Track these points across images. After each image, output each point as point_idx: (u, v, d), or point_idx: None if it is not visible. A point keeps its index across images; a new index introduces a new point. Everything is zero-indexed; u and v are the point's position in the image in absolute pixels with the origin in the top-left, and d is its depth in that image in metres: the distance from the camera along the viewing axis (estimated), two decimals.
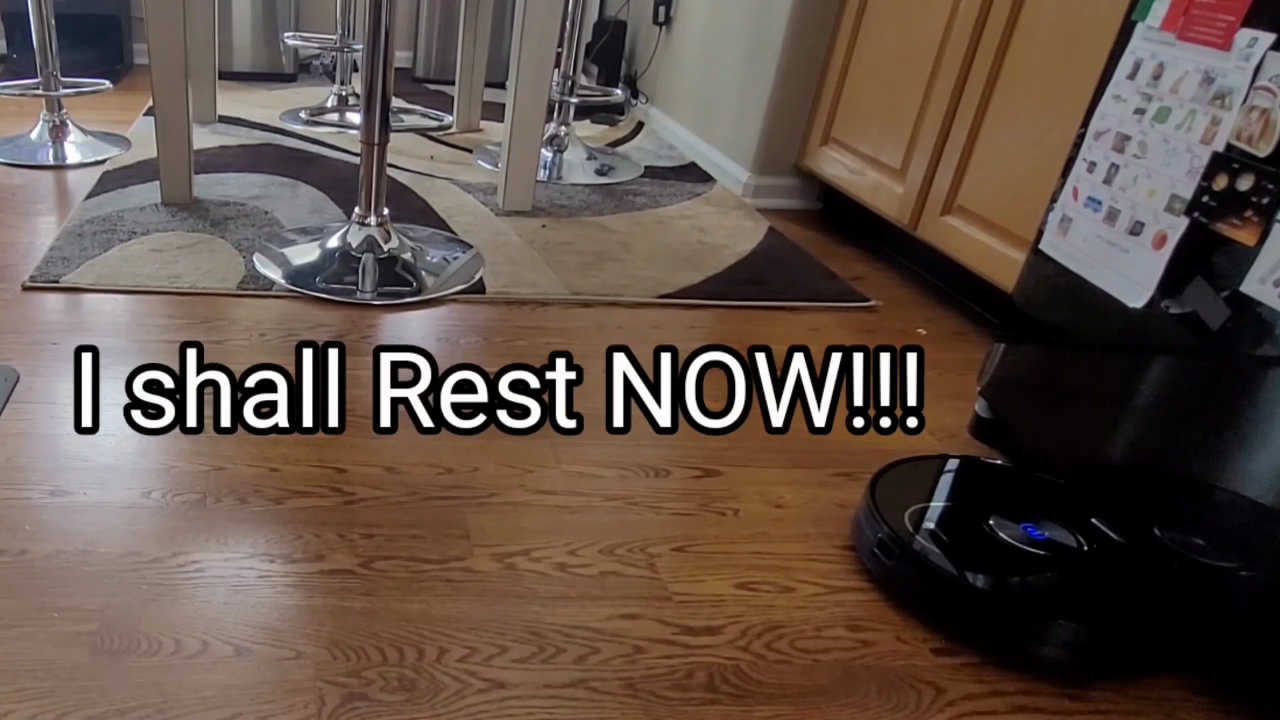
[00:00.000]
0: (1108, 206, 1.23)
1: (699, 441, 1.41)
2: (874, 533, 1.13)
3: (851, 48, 2.30)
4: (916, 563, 1.08)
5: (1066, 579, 1.07)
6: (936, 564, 1.07)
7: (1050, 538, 1.12)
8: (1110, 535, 1.13)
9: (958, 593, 1.05)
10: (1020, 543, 1.11)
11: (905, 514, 1.15)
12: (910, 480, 1.23)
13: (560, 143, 2.77)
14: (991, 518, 1.14)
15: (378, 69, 1.79)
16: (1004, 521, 1.14)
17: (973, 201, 1.87)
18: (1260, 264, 1.01)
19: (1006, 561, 1.08)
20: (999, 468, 1.32)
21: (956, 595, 1.05)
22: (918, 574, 1.08)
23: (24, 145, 2.46)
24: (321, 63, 3.68)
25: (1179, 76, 1.14)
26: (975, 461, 1.31)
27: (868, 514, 1.15)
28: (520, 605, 1.05)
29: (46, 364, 1.44)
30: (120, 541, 1.08)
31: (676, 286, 1.95)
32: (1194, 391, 1.10)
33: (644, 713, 0.93)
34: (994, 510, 1.15)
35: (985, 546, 1.10)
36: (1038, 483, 1.25)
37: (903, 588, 1.10)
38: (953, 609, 1.06)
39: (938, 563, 1.07)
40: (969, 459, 1.32)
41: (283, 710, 0.89)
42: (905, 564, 1.08)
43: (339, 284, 1.80)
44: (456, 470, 1.28)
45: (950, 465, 1.29)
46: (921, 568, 1.07)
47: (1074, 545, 1.11)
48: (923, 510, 1.16)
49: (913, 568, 1.08)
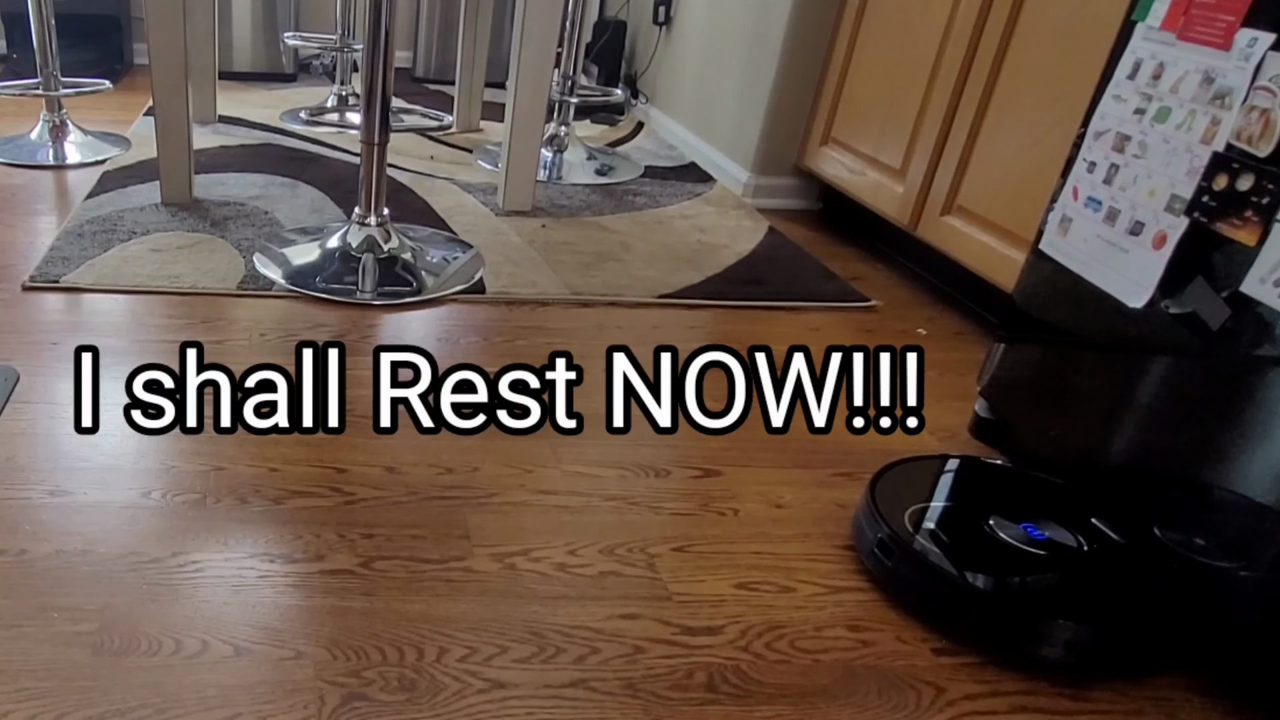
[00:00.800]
0: (1108, 206, 1.23)
1: (699, 441, 1.41)
2: (874, 533, 1.13)
3: (851, 48, 2.30)
4: (916, 562, 1.08)
5: (1067, 579, 1.07)
6: (936, 564, 1.07)
7: (1050, 537, 1.12)
8: (1110, 535, 1.13)
9: (958, 593, 1.05)
10: (1020, 543, 1.11)
11: (905, 514, 1.14)
12: (910, 480, 1.22)
13: (560, 143, 2.77)
14: (991, 518, 1.14)
15: (378, 69, 1.79)
16: (1004, 521, 1.14)
17: (973, 201, 1.87)
18: (1260, 264, 1.01)
19: (1007, 561, 1.08)
20: (999, 467, 1.32)
21: (956, 595, 1.05)
22: (918, 574, 1.08)
23: (24, 145, 2.46)
24: (321, 63, 3.68)
25: (1179, 76, 1.14)
26: (975, 461, 1.31)
27: (868, 514, 1.15)
28: (520, 605, 1.05)
29: (46, 364, 1.44)
30: (120, 541, 1.08)
31: (676, 286, 1.95)
32: (1194, 391, 1.10)
33: (644, 713, 0.93)
34: (994, 510, 1.15)
35: (985, 546, 1.10)
36: (1038, 483, 1.25)
37: (903, 588, 1.10)
38: (953, 609, 1.06)
39: (937, 563, 1.07)
40: (969, 459, 1.32)
41: (283, 710, 0.89)
42: (905, 564, 1.08)
43: (339, 284, 1.80)
44: (456, 470, 1.28)
45: (950, 465, 1.29)
46: (921, 567, 1.07)
47: (1074, 545, 1.11)
48: (923, 510, 1.16)
49: (913, 568, 1.08)
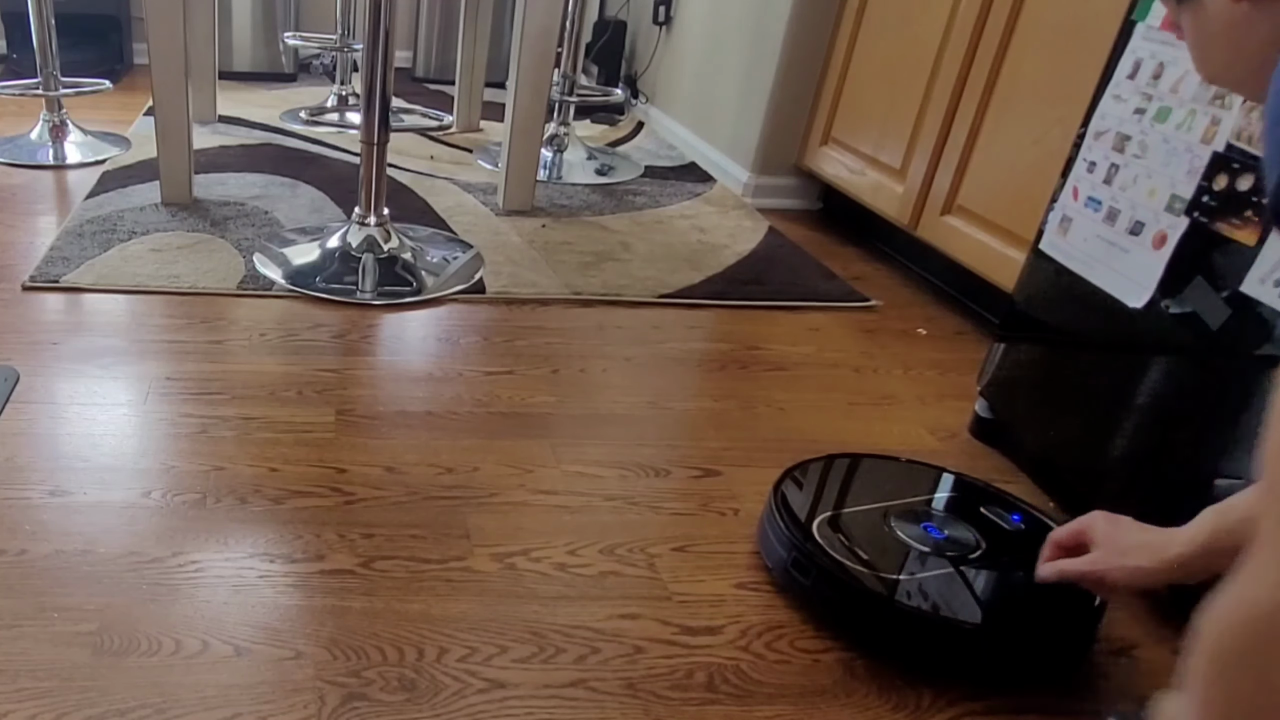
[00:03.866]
0: (1108, 206, 1.23)
1: (699, 441, 1.41)
2: (787, 550, 1.09)
3: (851, 48, 2.30)
4: (834, 579, 1.04)
5: (963, 577, 1.06)
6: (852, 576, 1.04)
7: (949, 535, 1.12)
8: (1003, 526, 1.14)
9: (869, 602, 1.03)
10: (918, 542, 1.10)
11: (814, 525, 1.11)
12: (807, 485, 1.20)
13: (560, 143, 2.77)
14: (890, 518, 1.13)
15: (378, 69, 1.79)
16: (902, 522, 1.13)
17: (973, 201, 1.87)
18: (1260, 264, 1.01)
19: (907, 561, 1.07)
20: (888, 460, 1.30)
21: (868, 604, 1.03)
22: (835, 591, 1.05)
23: (24, 145, 2.45)
24: (321, 63, 3.68)
25: (1179, 76, 1.14)
26: (869, 459, 1.30)
27: (774, 524, 1.11)
28: (520, 605, 1.05)
29: (46, 364, 1.44)
30: (120, 541, 1.08)
31: (676, 286, 1.95)
32: (1194, 391, 1.10)
33: (644, 713, 0.93)
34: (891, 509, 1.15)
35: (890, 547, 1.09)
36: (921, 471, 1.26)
37: (821, 604, 1.07)
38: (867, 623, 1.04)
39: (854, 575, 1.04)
40: (862, 456, 1.30)
41: (283, 710, 0.89)
42: (823, 582, 1.05)
43: (339, 284, 1.80)
44: (456, 470, 1.28)
45: (841, 465, 1.26)
46: (839, 584, 1.04)
47: (972, 542, 1.11)
48: (832, 519, 1.14)
49: (830, 585, 1.05)
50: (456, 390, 1.48)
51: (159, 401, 1.37)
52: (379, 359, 1.57)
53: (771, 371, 1.65)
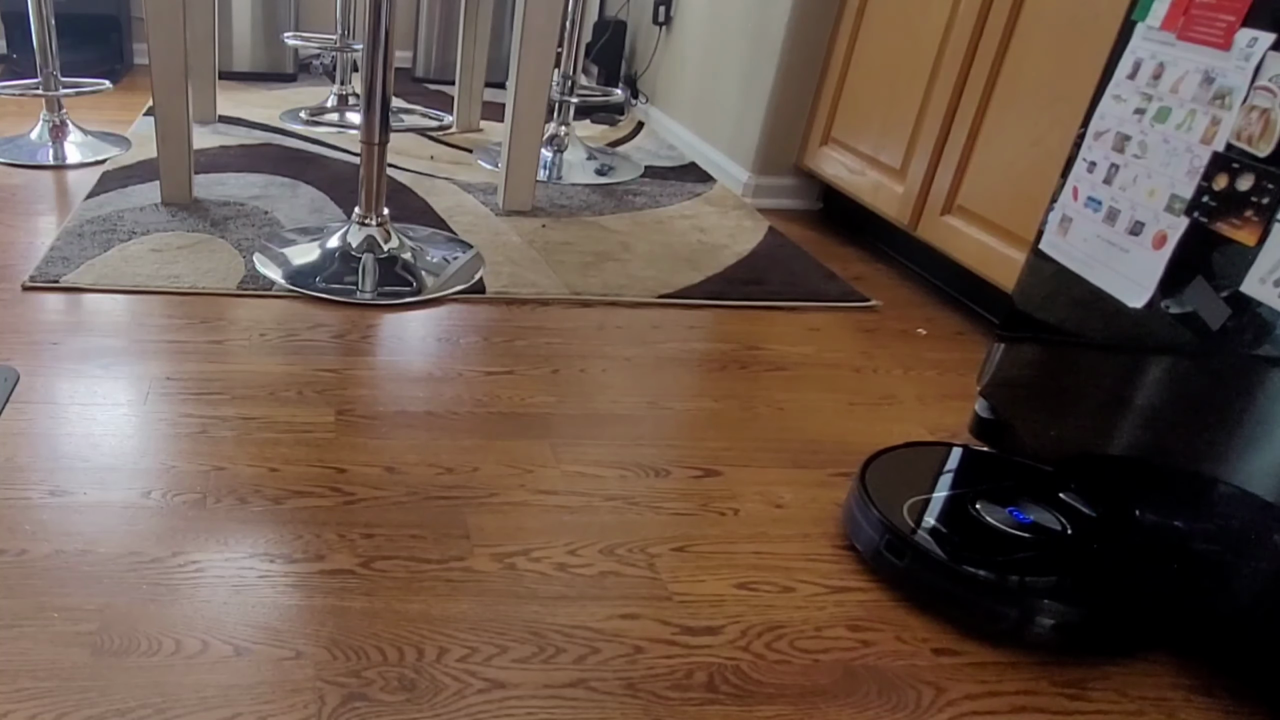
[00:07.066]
0: (1108, 206, 1.23)
1: (699, 441, 1.41)
2: (879, 534, 1.13)
3: (851, 48, 2.30)
4: (927, 561, 1.09)
5: (1057, 561, 1.10)
6: (944, 560, 1.08)
7: (1035, 520, 1.15)
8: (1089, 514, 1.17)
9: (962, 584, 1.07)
10: (1007, 526, 1.14)
11: (904, 509, 1.16)
12: (900, 472, 1.24)
13: (560, 143, 2.77)
14: (978, 502, 1.18)
15: (378, 69, 1.79)
16: (990, 505, 1.17)
17: (973, 201, 1.87)
18: (1260, 264, 1.01)
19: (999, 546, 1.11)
20: (983, 454, 1.35)
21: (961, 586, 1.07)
22: (929, 572, 1.09)
23: (24, 145, 2.46)
24: (321, 63, 3.68)
25: (1179, 76, 1.14)
26: (965, 449, 1.34)
27: (864, 509, 1.16)
28: (520, 605, 1.05)
29: (46, 364, 1.44)
30: (120, 541, 1.08)
31: (676, 286, 1.95)
32: (1194, 391, 1.10)
33: (644, 713, 0.93)
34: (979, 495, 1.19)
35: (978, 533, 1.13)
36: (1020, 467, 1.28)
37: (913, 587, 1.12)
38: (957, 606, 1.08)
39: (946, 559, 1.09)
40: (957, 446, 1.34)
41: (283, 710, 0.89)
42: (917, 563, 1.10)
43: (339, 284, 1.80)
44: (456, 470, 1.28)
45: (939, 453, 1.30)
46: (932, 565, 1.09)
47: (1058, 528, 1.15)
48: (924, 503, 1.18)
49: (924, 566, 1.09)
50: (456, 390, 1.48)
51: (159, 401, 1.37)
52: (379, 359, 1.57)
53: (771, 371, 1.65)
